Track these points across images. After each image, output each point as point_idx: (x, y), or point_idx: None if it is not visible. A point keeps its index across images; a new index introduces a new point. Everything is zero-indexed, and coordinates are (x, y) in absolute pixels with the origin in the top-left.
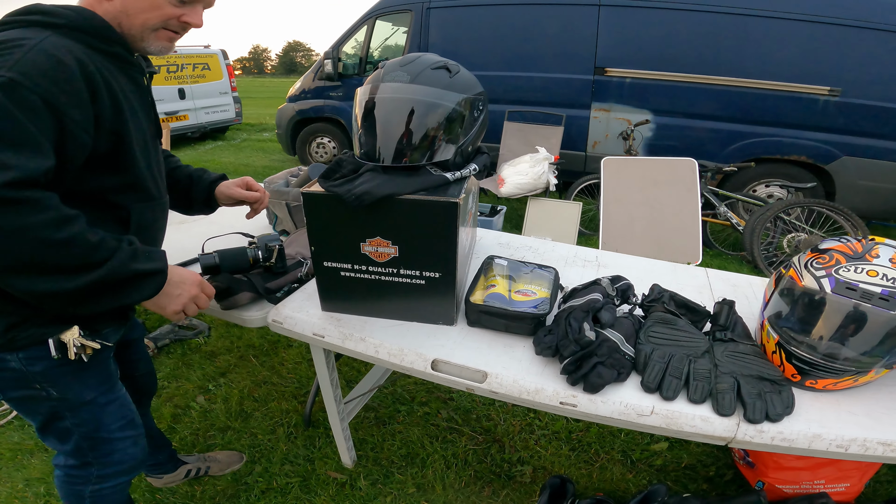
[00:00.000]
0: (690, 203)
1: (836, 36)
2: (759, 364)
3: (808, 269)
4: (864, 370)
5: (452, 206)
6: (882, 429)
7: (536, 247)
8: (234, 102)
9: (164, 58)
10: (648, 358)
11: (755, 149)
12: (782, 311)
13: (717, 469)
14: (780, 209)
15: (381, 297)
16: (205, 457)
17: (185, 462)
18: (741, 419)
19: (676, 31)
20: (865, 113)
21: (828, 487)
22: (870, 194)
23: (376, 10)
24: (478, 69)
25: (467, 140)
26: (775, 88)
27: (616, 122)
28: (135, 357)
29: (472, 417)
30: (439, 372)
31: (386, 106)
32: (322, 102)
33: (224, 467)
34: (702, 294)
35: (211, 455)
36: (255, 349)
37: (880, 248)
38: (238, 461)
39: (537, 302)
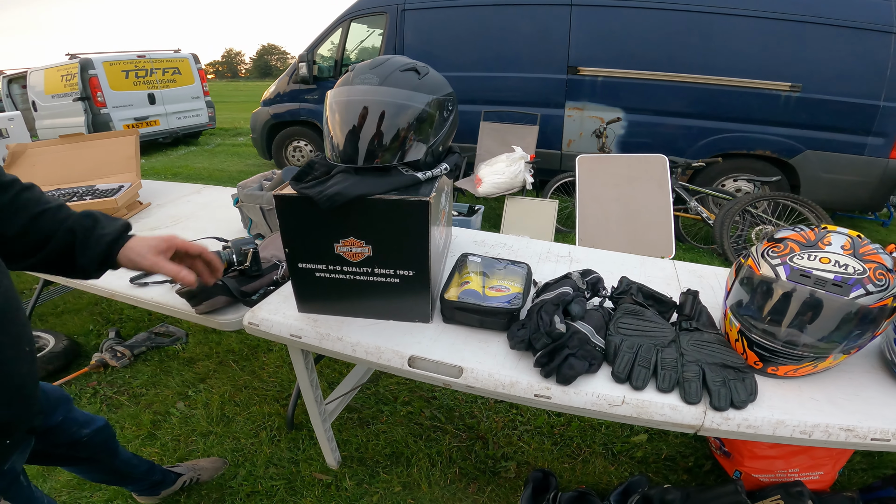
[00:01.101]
0: (662, 198)
1: (795, 32)
2: (722, 352)
3: (765, 257)
4: (822, 356)
5: (424, 205)
6: (843, 415)
7: (511, 244)
8: (206, 107)
9: (132, 62)
10: (618, 348)
11: (722, 144)
12: (743, 299)
13: (696, 460)
14: (748, 203)
15: (357, 297)
16: (193, 465)
17: (181, 474)
18: (708, 407)
19: (645, 29)
20: (825, 108)
21: (802, 475)
22: (832, 186)
23: (351, 12)
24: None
25: (437, 140)
26: (739, 85)
27: (589, 120)
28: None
29: (455, 415)
30: (416, 368)
31: (356, 108)
32: (297, 106)
33: (212, 473)
34: (669, 285)
35: (196, 464)
36: (234, 354)
37: (832, 236)
38: (221, 466)
39: (510, 297)
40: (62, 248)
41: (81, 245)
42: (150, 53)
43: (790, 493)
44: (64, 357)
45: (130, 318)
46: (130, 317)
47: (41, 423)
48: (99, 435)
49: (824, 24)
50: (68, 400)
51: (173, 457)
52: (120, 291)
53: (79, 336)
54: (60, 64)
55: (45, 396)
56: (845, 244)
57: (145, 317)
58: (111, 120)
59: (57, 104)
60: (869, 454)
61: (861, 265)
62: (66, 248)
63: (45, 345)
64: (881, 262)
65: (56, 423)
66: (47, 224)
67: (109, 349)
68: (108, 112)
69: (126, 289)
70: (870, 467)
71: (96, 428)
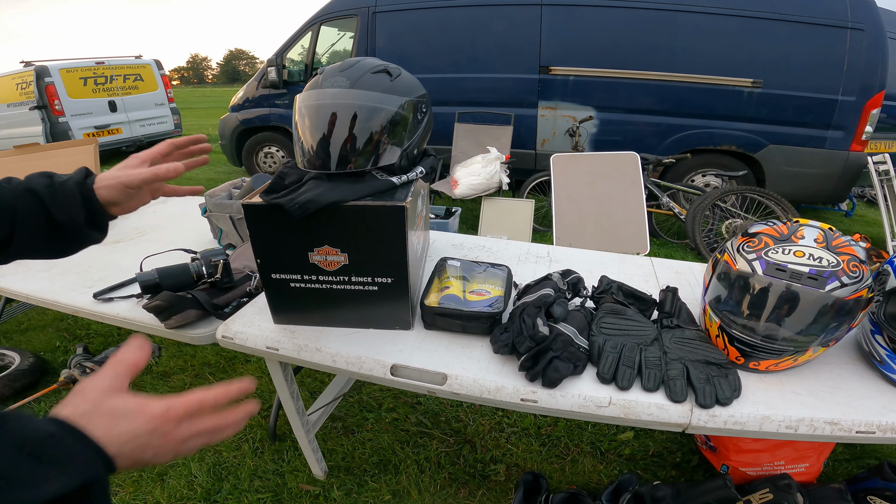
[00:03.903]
0: (635, 195)
1: (755, 29)
2: (704, 349)
3: (740, 252)
4: (801, 349)
5: (400, 210)
6: (826, 408)
7: (489, 246)
8: (172, 114)
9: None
10: (602, 349)
11: (690, 140)
12: (721, 294)
13: (683, 455)
14: (716, 197)
15: (335, 306)
16: None
17: None
18: (694, 405)
19: (612, 28)
20: (786, 103)
21: (788, 468)
22: (796, 179)
23: (321, 15)
24: (426, 72)
25: (412, 143)
26: (704, 82)
27: (562, 119)
28: None
29: (441, 420)
30: (399, 377)
31: (327, 112)
32: (267, 111)
33: None
34: (648, 282)
35: None
36: (210, 367)
37: (805, 230)
38: None
39: (492, 301)
40: (32, 214)
41: (51, 200)
42: (110, 60)
43: (778, 487)
44: (31, 374)
45: (98, 334)
46: (98, 332)
47: None
48: None
49: (783, 20)
50: None
51: (153, 472)
52: (84, 308)
53: (45, 353)
54: (15, 72)
55: None
56: (818, 237)
57: (114, 331)
58: (70, 129)
59: (12, 113)
60: (851, 445)
61: (835, 258)
62: (37, 212)
63: (11, 363)
64: (854, 255)
65: None
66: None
67: (78, 365)
68: (66, 121)
69: (90, 304)
70: (853, 457)
71: None
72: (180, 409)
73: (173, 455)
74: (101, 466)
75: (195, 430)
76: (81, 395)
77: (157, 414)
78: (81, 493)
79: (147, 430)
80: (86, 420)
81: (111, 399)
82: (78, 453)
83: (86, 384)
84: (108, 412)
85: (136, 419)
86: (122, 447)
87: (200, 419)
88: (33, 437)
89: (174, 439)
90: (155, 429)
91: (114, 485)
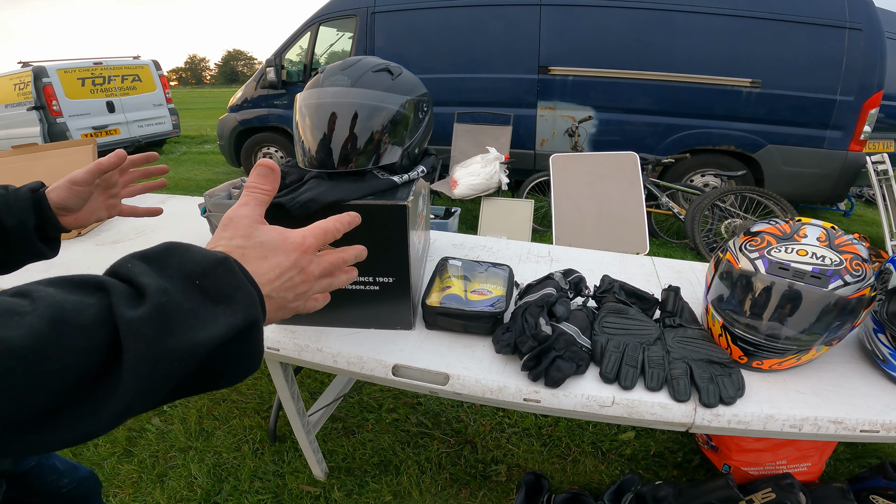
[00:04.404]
0: (635, 195)
1: (753, 29)
2: (707, 348)
3: (743, 251)
4: (805, 348)
5: (401, 210)
6: (830, 407)
7: (490, 246)
8: (170, 114)
9: (88, 70)
10: (604, 348)
11: (689, 140)
12: (723, 293)
13: (685, 455)
14: (716, 197)
15: (336, 306)
16: None
17: None
18: (697, 404)
19: (611, 27)
20: (784, 103)
21: (790, 467)
22: (794, 179)
23: (320, 15)
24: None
25: (413, 142)
26: (703, 82)
27: (561, 119)
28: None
29: (441, 420)
30: (401, 377)
31: (328, 111)
32: (266, 111)
33: None
34: (649, 282)
35: None
36: None
37: (807, 228)
38: None
39: (493, 300)
40: None
41: (2, 205)
42: (108, 60)
43: (781, 486)
44: None
45: None
46: None
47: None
48: (82, 488)
49: (781, 20)
50: None
51: (152, 473)
52: None
53: None
54: (13, 72)
55: None
56: (821, 236)
57: None
58: (68, 129)
59: (10, 114)
60: (853, 444)
61: (838, 256)
62: None
63: None
64: (857, 253)
65: (27, 468)
66: None
67: None
68: (64, 121)
69: None
70: (854, 457)
71: (79, 478)
72: (312, 237)
73: (304, 303)
74: (260, 307)
75: (324, 264)
76: (233, 227)
77: (297, 243)
78: (239, 337)
79: (290, 264)
80: (241, 254)
81: (259, 230)
82: (244, 290)
83: (233, 214)
84: (258, 245)
85: (281, 251)
86: (272, 284)
87: (326, 254)
88: (200, 269)
89: (310, 276)
90: (296, 262)
91: (113, 486)
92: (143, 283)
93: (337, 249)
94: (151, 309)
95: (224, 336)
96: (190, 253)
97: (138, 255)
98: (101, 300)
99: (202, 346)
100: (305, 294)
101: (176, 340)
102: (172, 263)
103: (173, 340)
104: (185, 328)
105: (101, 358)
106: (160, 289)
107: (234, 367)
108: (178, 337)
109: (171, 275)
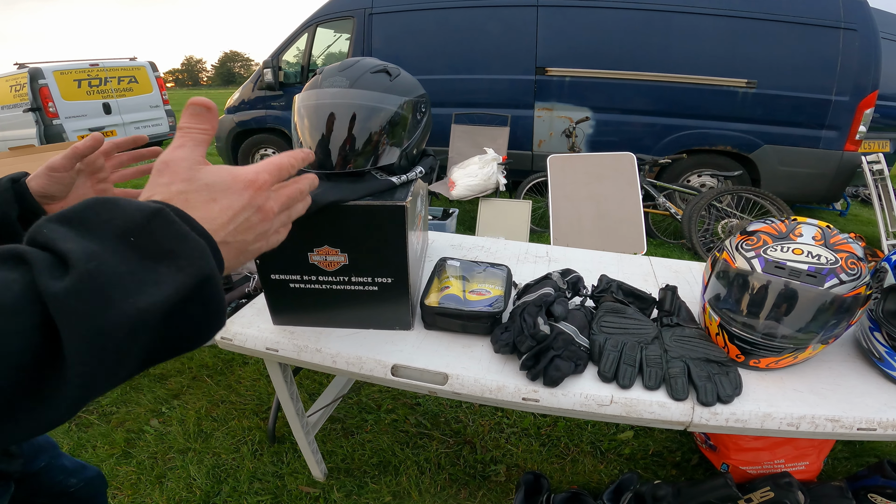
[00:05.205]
0: (632, 195)
1: (749, 29)
2: (704, 346)
3: (739, 250)
4: (801, 346)
5: (400, 210)
6: (828, 405)
7: (488, 246)
8: (166, 116)
9: (85, 71)
10: (602, 347)
11: (686, 141)
12: (720, 293)
13: (683, 454)
14: (712, 197)
15: (335, 307)
16: None
17: None
18: (695, 403)
19: (608, 28)
20: (780, 103)
21: (788, 466)
22: (791, 179)
23: (317, 17)
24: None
25: (411, 143)
26: (699, 82)
27: (559, 120)
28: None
29: (440, 421)
30: (400, 377)
31: (326, 112)
32: (264, 113)
33: None
34: (647, 281)
35: None
36: (208, 369)
37: (803, 227)
38: None
39: (492, 300)
40: None
41: None
42: (104, 62)
43: (779, 485)
44: None
45: None
46: None
47: (20, 469)
48: (89, 487)
49: (776, 20)
50: (53, 445)
51: (151, 474)
52: None
53: None
54: (8, 74)
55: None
56: (816, 235)
57: None
58: (64, 131)
59: (6, 116)
60: (850, 443)
61: (833, 255)
62: None
63: None
64: (852, 252)
65: (38, 468)
66: None
67: None
68: (60, 123)
69: None
70: (852, 455)
71: (87, 478)
72: (266, 173)
73: (266, 241)
74: (213, 259)
75: (281, 199)
76: (170, 172)
77: (250, 180)
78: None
79: (244, 203)
80: (184, 200)
81: (202, 171)
82: (189, 242)
83: (169, 157)
84: (204, 187)
85: (232, 191)
86: (226, 229)
87: (282, 187)
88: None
89: (269, 214)
90: (251, 201)
91: (112, 487)
92: (64, 249)
93: (292, 180)
94: (78, 278)
95: (173, 297)
96: (119, 207)
97: (55, 217)
98: (23, 275)
99: (149, 314)
100: (266, 233)
101: (115, 311)
102: (98, 222)
103: (112, 312)
104: (122, 295)
105: (38, 340)
106: (86, 253)
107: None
108: (117, 307)
109: (98, 235)
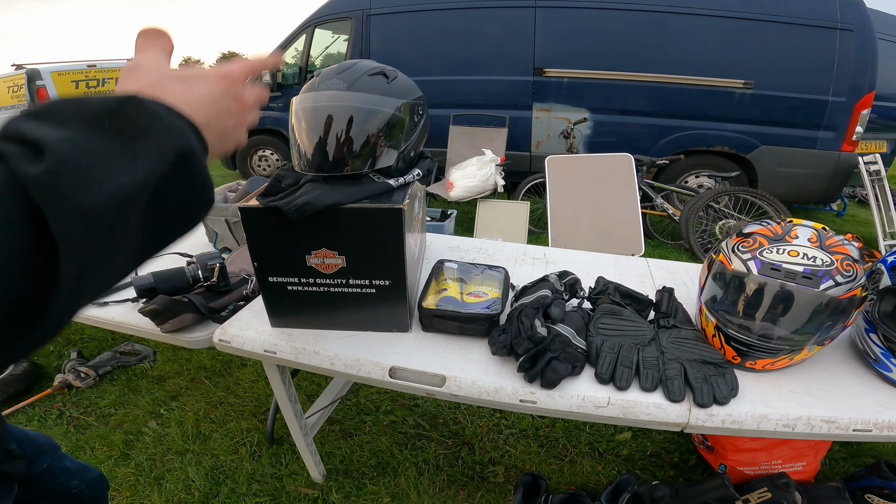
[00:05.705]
0: (630, 196)
1: (746, 30)
2: (701, 348)
3: (735, 252)
4: (797, 348)
5: (397, 213)
6: (823, 406)
7: (486, 248)
8: None
9: (82, 72)
10: (599, 349)
11: (683, 141)
12: (717, 294)
13: (681, 455)
14: (710, 198)
15: (332, 309)
16: None
17: None
18: (692, 404)
19: (605, 29)
20: (777, 104)
21: (785, 467)
22: (788, 180)
23: (315, 18)
24: (421, 74)
25: (409, 145)
26: (696, 83)
27: (557, 121)
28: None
29: (439, 422)
30: (398, 379)
31: (323, 114)
32: (262, 114)
33: None
34: (644, 283)
35: None
36: (206, 371)
37: (798, 230)
38: None
39: (489, 302)
40: None
41: None
42: (102, 63)
43: (776, 486)
44: (24, 379)
45: (93, 338)
46: (92, 336)
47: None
48: (91, 489)
49: (773, 21)
50: (55, 447)
51: (150, 476)
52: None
53: (39, 357)
54: (6, 75)
55: (30, 442)
56: (812, 237)
57: (108, 336)
58: None
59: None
60: (847, 443)
61: (829, 257)
62: None
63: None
64: (848, 254)
65: (40, 470)
66: None
67: (72, 370)
68: None
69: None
70: (849, 456)
71: (88, 480)
72: (237, 69)
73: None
74: (193, 136)
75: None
76: (139, 71)
77: (223, 73)
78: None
79: (222, 91)
80: (160, 89)
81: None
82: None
83: (137, 60)
84: (177, 77)
85: (208, 81)
86: (206, 113)
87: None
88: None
89: (246, 104)
90: (228, 89)
91: (111, 489)
92: (37, 137)
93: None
94: (55, 160)
95: (154, 173)
96: (88, 100)
97: (22, 114)
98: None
99: (132, 189)
100: (242, 124)
101: (96, 189)
102: (68, 111)
103: (93, 189)
104: (101, 174)
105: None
106: (59, 138)
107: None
108: (98, 184)
109: (69, 123)
